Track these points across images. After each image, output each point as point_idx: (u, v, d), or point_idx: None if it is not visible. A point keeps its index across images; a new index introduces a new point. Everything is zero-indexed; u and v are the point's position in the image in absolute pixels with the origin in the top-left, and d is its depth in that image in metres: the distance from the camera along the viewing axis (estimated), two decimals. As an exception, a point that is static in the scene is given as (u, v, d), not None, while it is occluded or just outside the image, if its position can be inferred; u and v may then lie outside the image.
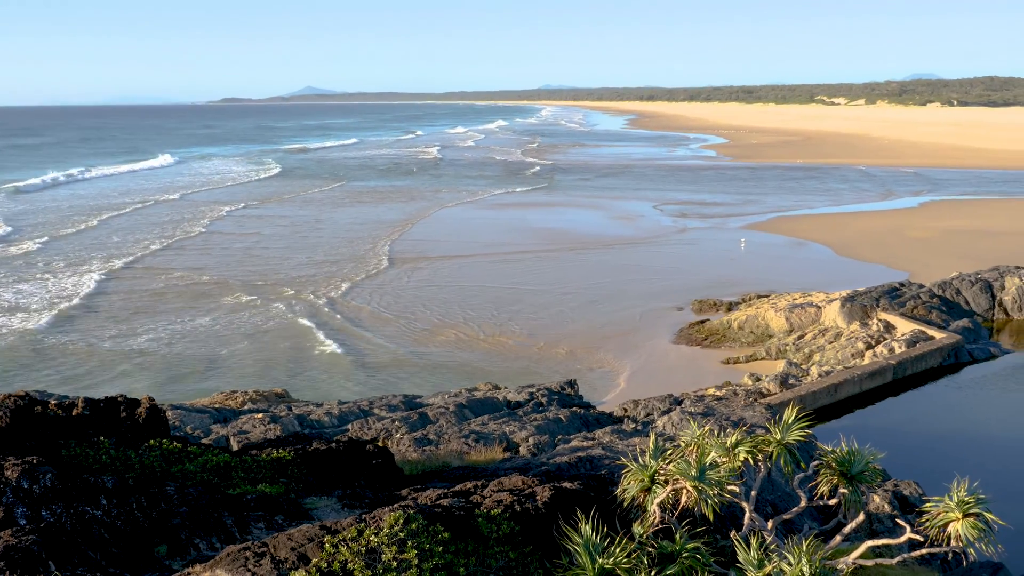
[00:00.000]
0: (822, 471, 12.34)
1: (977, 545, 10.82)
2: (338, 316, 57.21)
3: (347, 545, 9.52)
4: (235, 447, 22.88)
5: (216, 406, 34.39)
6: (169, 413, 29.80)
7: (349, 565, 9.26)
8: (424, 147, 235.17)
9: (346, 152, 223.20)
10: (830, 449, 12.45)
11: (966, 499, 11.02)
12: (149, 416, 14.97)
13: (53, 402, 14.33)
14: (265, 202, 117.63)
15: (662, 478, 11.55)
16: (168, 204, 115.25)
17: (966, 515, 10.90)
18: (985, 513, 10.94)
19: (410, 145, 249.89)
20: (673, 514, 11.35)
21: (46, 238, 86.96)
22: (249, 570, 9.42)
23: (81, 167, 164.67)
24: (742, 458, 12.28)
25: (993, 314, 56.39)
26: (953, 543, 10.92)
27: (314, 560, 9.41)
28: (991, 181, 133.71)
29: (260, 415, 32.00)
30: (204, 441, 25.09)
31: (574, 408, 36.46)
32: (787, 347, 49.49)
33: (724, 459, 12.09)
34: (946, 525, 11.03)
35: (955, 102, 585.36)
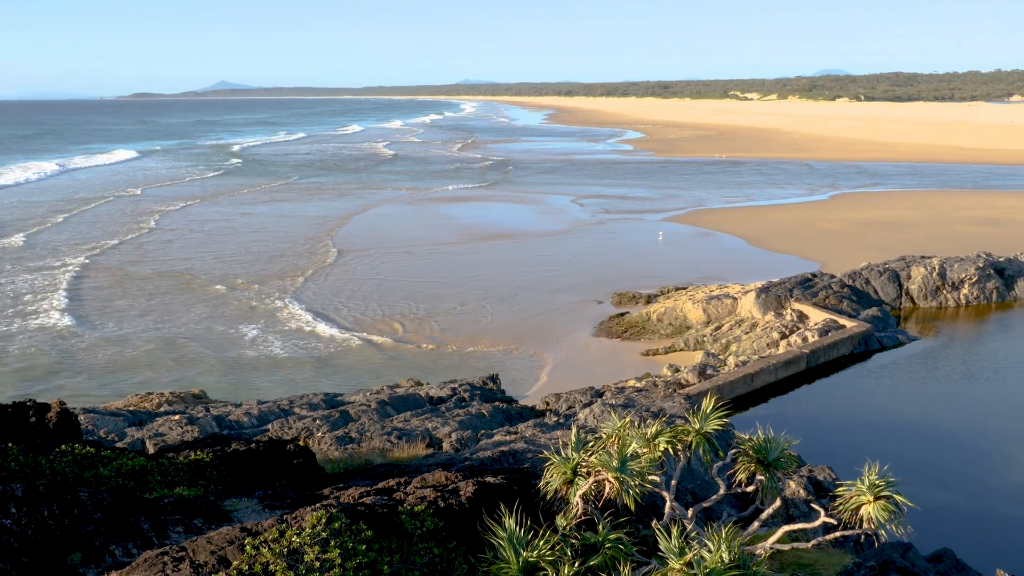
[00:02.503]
0: (740, 459, 12.58)
1: (888, 526, 11.15)
2: (261, 315, 56.32)
3: (268, 547, 9.38)
4: (151, 450, 22.38)
5: (131, 408, 33.51)
6: (81, 417, 28.96)
7: (271, 567, 9.12)
8: (371, 142, 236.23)
9: (299, 147, 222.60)
10: (747, 437, 12.69)
11: (877, 482, 11.36)
12: (60, 420, 14.53)
13: (-43, 408, 13.81)
14: (232, 194, 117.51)
15: (584, 470, 11.64)
16: (133, 198, 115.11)
17: (877, 498, 11.24)
18: (895, 495, 11.28)
19: (357, 140, 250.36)
20: (596, 505, 11.45)
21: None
22: (167, 575, 9.22)
23: (47, 162, 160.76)
24: (662, 448, 12.45)
25: (901, 302, 58.30)
26: (865, 525, 11.24)
27: (235, 563, 9.25)
28: (897, 174, 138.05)
29: (177, 417, 31.31)
30: (119, 445, 24.48)
31: (496, 403, 36.54)
32: (705, 338, 50.38)
33: (645, 450, 12.23)
34: (859, 508, 11.35)
35: (862, 97, 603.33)
